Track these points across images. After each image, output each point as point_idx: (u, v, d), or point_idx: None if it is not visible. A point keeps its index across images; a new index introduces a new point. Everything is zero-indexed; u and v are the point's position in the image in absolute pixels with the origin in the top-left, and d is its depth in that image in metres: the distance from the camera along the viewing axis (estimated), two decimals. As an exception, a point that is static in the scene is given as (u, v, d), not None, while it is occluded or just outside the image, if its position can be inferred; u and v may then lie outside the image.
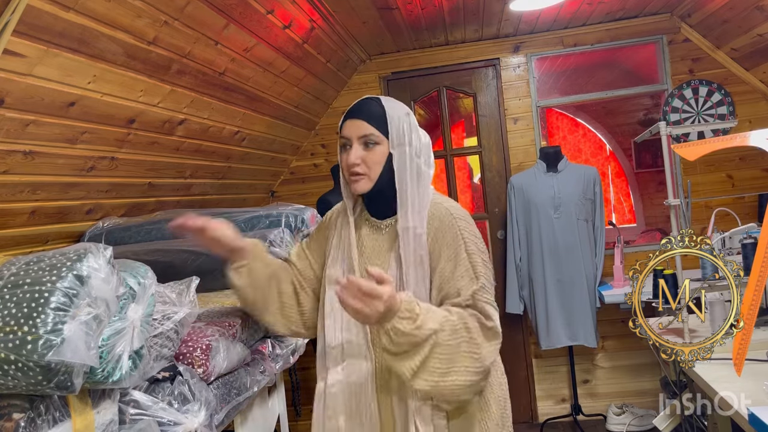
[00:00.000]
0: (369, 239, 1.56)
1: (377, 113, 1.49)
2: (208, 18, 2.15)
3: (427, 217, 1.49)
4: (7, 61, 1.55)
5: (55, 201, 2.17)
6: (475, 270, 1.43)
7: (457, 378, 1.32)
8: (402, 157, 1.49)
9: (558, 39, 3.91)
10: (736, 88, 3.74)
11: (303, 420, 4.02)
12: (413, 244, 1.45)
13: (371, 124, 1.48)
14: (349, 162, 1.47)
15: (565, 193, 3.57)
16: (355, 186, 1.50)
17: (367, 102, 1.52)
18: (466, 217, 1.51)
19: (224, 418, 1.78)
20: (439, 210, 1.50)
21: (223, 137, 2.91)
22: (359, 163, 1.47)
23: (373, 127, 1.48)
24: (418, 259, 1.45)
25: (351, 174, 1.49)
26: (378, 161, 1.48)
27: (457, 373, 1.32)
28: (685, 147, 2.17)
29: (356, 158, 1.47)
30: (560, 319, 3.55)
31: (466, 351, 1.33)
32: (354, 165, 1.47)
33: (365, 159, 1.48)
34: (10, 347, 1.14)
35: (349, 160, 1.47)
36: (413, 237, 1.46)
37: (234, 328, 1.94)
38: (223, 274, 2.40)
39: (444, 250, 1.45)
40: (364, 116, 1.48)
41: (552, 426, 3.90)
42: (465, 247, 1.44)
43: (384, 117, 1.49)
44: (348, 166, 1.48)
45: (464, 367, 1.33)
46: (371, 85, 4.05)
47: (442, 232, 1.47)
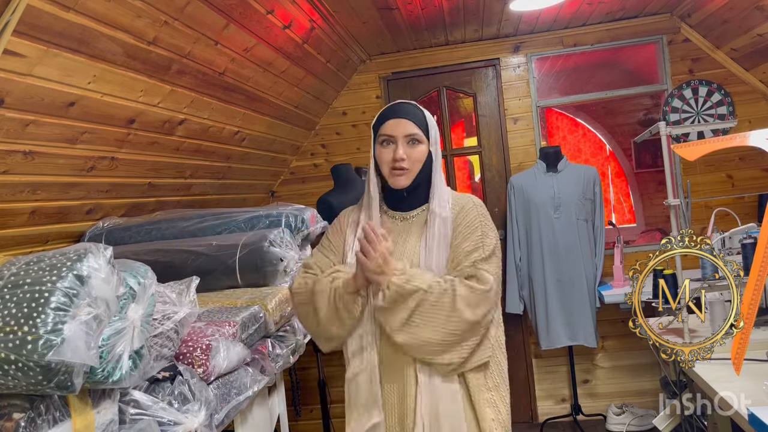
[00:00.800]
0: (396, 227, 1.68)
1: (419, 116, 1.64)
2: (208, 18, 2.15)
3: (453, 204, 1.66)
4: (7, 61, 1.55)
5: (55, 201, 2.17)
6: (484, 243, 1.60)
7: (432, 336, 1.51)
8: (437, 156, 1.66)
9: (558, 39, 3.91)
10: (735, 88, 3.74)
11: (303, 420, 4.02)
12: (439, 228, 1.62)
13: (416, 124, 1.62)
14: (398, 156, 1.59)
15: (565, 193, 3.57)
16: (397, 180, 1.62)
17: (405, 105, 1.66)
18: (484, 207, 1.70)
19: (224, 417, 1.79)
20: (461, 199, 1.68)
21: (223, 137, 2.91)
22: (406, 158, 1.60)
23: (418, 127, 1.62)
24: (442, 239, 1.61)
25: (395, 168, 1.61)
26: (420, 159, 1.62)
27: (434, 330, 1.51)
28: (685, 147, 2.17)
29: (404, 153, 1.59)
30: (560, 319, 3.55)
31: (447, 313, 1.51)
32: (401, 159, 1.59)
33: (410, 156, 1.61)
34: (10, 347, 1.14)
35: (398, 154, 1.59)
36: (440, 221, 1.62)
37: (234, 328, 1.94)
38: (223, 274, 2.40)
39: (462, 230, 1.62)
40: (409, 117, 1.62)
41: (552, 426, 3.90)
42: (481, 228, 1.62)
43: (425, 119, 1.65)
44: (394, 160, 1.60)
45: (441, 326, 1.51)
46: (371, 85, 4.05)
47: (463, 216, 1.63)
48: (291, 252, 2.42)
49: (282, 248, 2.38)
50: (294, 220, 2.56)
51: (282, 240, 2.40)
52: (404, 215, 1.68)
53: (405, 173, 1.61)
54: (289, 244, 2.43)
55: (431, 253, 1.60)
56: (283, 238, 2.41)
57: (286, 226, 2.53)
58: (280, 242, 2.39)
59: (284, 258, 2.38)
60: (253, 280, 2.36)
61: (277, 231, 2.42)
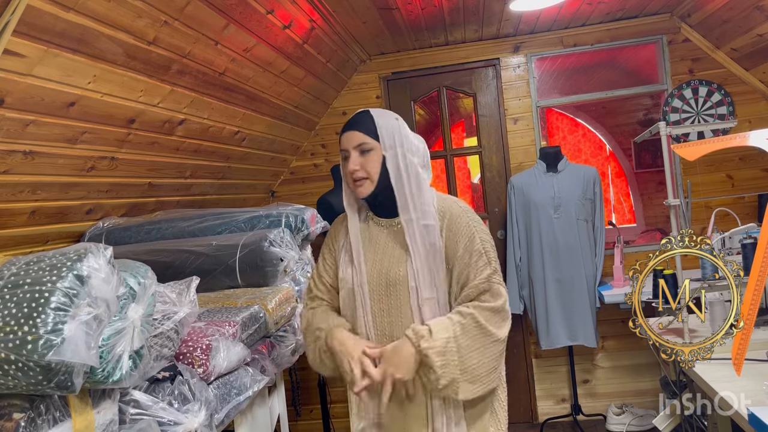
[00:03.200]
0: (382, 237, 1.68)
1: (368, 123, 1.64)
2: (208, 18, 2.15)
3: (438, 212, 1.63)
4: (7, 61, 1.55)
5: (55, 201, 2.17)
6: (488, 256, 1.60)
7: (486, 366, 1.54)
8: (395, 158, 1.62)
9: (558, 39, 3.91)
10: (735, 88, 3.74)
11: (303, 420, 4.02)
12: (420, 235, 1.60)
13: (363, 132, 1.62)
14: (350, 169, 1.62)
15: (565, 193, 3.57)
16: (359, 190, 1.64)
17: (358, 115, 1.67)
18: (472, 211, 1.68)
19: (224, 417, 1.79)
20: (448, 204, 1.65)
21: (223, 137, 2.91)
22: (358, 169, 1.61)
23: (366, 135, 1.62)
24: (429, 248, 1.60)
25: (354, 180, 1.63)
26: (374, 164, 1.62)
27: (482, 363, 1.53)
28: (685, 147, 2.17)
29: (355, 164, 1.61)
30: (560, 319, 3.55)
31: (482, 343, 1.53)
32: (354, 171, 1.62)
33: (363, 164, 1.62)
34: (10, 347, 1.14)
35: (349, 167, 1.62)
36: (418, 228, 1.60)
37: (234, 328, 1.94)
38: (223, 274, 2.40)
39: (460, 240, 1.60)
40: (357, 127, 1.64)
41: (552, 426, 3.90)
42: (479, 236, 1.61)
43: (373, 125, 1.63)
44: (349, 173, 1.63)
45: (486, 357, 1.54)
46: (371, 85, 4.05)
47: (455, 224, 1.62)
48: (291, 252, 2.42)
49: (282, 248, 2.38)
50: (294, 220, 2.56)
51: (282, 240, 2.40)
52: (390, 222, 1.68)
53: (363, 182, 1.62)
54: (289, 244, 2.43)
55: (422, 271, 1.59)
56: (283, 238, 2.41)
57: (286, 226, 2.53)
58: (280, 242, 2.39)
59: (284, 258, 2.38)
60: (253, 280, 2.36)
61: (277, 231, 2.42)
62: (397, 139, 1.63)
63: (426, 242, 1.59)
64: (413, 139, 1.69)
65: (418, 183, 1.63)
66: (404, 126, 1.68)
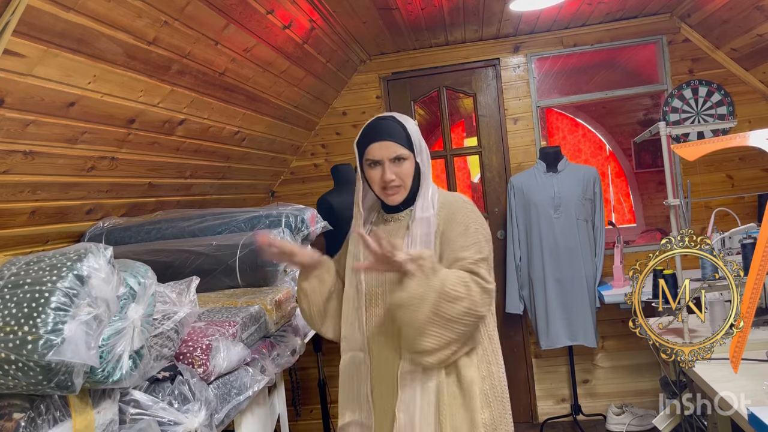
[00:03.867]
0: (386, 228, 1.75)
1: (400, 132, 1.67)
2: (208, 18, 2.15)
3: (440, 204, 1.69)
4: (7, 61, 1.55)
5: (55, 201, 2.17)
6: (480, 245, 1.63)
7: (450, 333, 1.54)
8: (423, 164, 1.70)
9: (558, 39, 3.91)
10: (735, 88, 3.74)
11: (303, 420, 4.02)
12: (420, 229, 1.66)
13: (398, 143, 1.66)
14: (387, 179, 1.66)
15: (565, 193, 3.57)
16: (393, 198, 1.69)
17: (385, 123, 1.69)
18: (475, 207, 1.72)
19: (224, 417, 1.78)
20: (450, 197, 1.72)
21: (223, 137, 2.91)
22: (395, 178, 1.66)
23: (401, 146, 1.66)
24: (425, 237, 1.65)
25: (387, 188, 1.68)
26: (410, 173, 1.68)
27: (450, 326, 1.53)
28: (685, 147, 2.17)
29: (392, 175, 1.65)
30: (560, 319, 3.55)
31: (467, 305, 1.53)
32: (392, 181, 1.66)
33: (399, 174, 1.66)
34: (10, 347, 1.14)
35: (386, 177, 1.65)
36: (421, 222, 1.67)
37: (234, 328, 1.94)
38: (223, 274, 2.40)
39: (455, 227, 1.65)
40: (391, 137, 1.66)
41: (552, 426, 3.90)
42: (474, 225, 1.65)
43: (406, 134, 1.68)
44: (386, 182, 1.66)
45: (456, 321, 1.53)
46: (371, 85, 4.05)
47: (453, 213, 1.67)
48: (291, 252, 2.41)
49: (282, 248, 2.38)
50: (294, 220, 2.56)
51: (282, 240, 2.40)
52: (393, 216, 1.75)
53: (398, 190, 1.68)
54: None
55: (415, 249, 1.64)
56: (283, 238, 2.41)
57: (286, 226, 2.53)
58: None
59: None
60: (253, 280, 2.36)
61: (277, 231, 2.42)
62: (422, 144, 1.70)
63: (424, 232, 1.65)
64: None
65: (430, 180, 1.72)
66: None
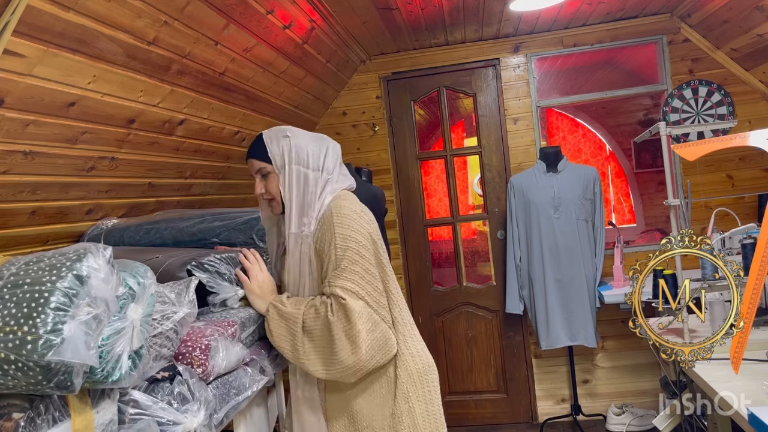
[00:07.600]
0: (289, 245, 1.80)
1: (260, 148, 1.75)
2: (208, 18, 2.15)
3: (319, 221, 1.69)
4: (7, 61, 1.55)
5: (55, 201, 2.17)
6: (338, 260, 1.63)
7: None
8: (289, 175, 1.71)
9: (558, 39, 3.91)
10: (735, 88, 3.74)
11: (303, 420, 4.01)
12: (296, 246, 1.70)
13: (258, 159, 1.75)
14: (256, 192, 1.78)
15: (565, 193, 3.57)
16: (272, 209, 1.79)
17: (254, 141, 1.78)
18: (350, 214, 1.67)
19: (223, 417, 1.78)
20: (327, 212, 1.69)
21: (223, 137, 2.91)
22: (264, 192, 1.76)
23: (260, 161, 1.74)
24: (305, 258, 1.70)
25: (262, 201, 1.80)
26: (275, 186, 1.74)
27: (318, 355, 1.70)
28: (685, 147, 2.17)
29: (260, 188, 1.76)
30: (560, 319, 3.55)
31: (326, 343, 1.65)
32: (260, 195, 1.77)
33: (266, 187, 1.75)
34: (9, 347, 1.14)
35: (256, 190, 1.78)
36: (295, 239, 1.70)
37: (233, 328, 1.94)
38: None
39: (326, 249, 1.66)
40: (252, 154, 1.76)
41: (552, 426, 3.90)
42: (334, 243, 1.64)
43: (265, 150, 1.74)
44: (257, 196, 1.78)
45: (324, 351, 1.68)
46: (371, 85, 4.05)
47: (324, 233, 1.67)
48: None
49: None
50: (294, 220, 2.56)
51: (282, 240, 2.40)
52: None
53: (271, 203, 1.76)
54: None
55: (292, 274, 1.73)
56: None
57: (286, 226, 2.53)
58: (280, 242, 2.38)
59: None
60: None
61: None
62: (287, 157, 1.71)
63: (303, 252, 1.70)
64: (307, 147, 1.72)
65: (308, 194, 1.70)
66: (297, 136, 1.74)
